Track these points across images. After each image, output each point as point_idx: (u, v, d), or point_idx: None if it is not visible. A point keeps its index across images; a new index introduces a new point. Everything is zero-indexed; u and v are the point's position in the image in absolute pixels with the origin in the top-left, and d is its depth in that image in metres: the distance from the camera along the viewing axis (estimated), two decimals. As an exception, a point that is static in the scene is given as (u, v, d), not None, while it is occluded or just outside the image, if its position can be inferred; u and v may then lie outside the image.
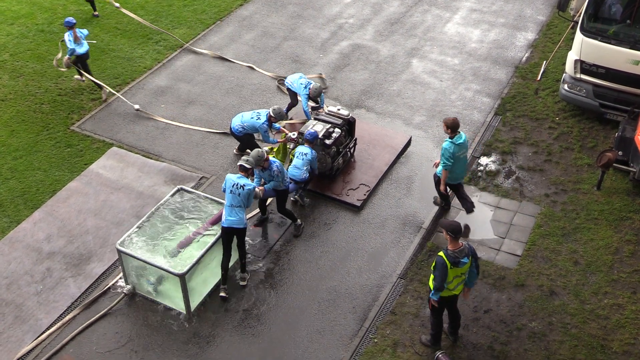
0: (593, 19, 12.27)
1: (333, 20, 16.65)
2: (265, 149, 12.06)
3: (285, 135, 11.85)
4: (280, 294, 9.95)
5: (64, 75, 14.33)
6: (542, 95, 13.81)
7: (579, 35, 12.28)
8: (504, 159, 12.31)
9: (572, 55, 12.53)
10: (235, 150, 12.41)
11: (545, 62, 14.66)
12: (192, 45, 15.58)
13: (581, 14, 12.37)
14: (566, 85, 12.83)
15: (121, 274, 9.96)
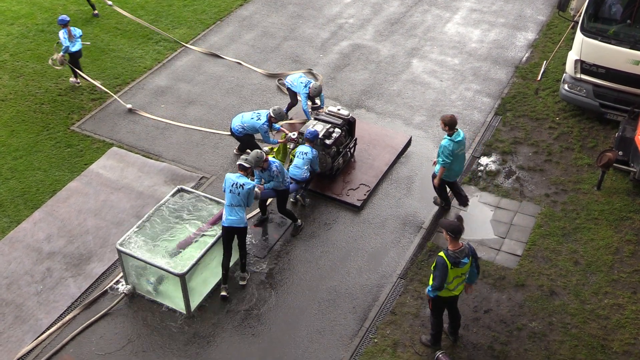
0: (593, 19, 12.27)
1: (333, 20, 16.64)
2: (265, 149, 12.09)
3: (286, 136, 11.84)
4: (280, 293, 9.95)
5: (64, 76, 14.33)
6: (542, 95, 13.81)
7: (579, 35, 12.28)
8: (504, 159, 12.30)
9: (573, 55, 12.52)
10: (235, 150, 12.40)
11: (545, 62, 14.66)
12: (190, 45, 15.60)
13: (581, 14, 12.37)
14: (566, 85, 12.83)
15: (120, 274, 9.97)
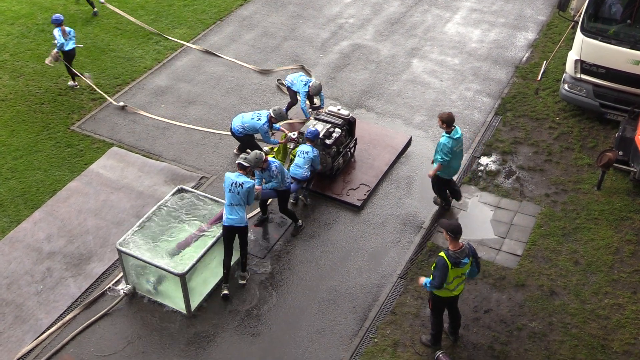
0: (593, 18, 12.27)
1: (333, 20, 16.64)
2: (266, 149, 12.09)
3: (286, 136, 11.84)
4: (280, 293, 9.95)
5: (64, 75, 14.33)
6: (542, 95, 13.81)
7: (579, 35, 12.28)
8: (504, 159, 12.30)
9: (573, 55, 12.52)
10: (235, 150, 12.40)
11: (545, 62, 14.66)
12: (189, 45, 15.61)
13: (581, 13, 12.37)
14: (566, 85, 12.83)
15: (120, 275, 9.97)
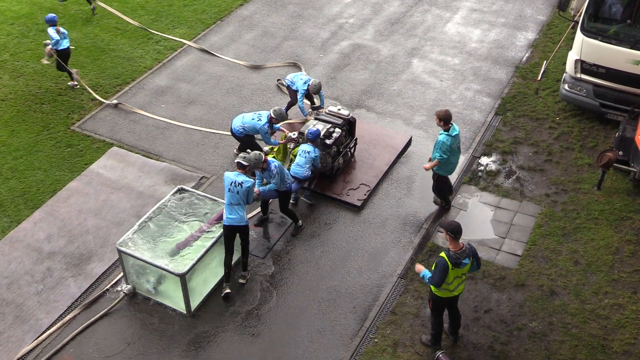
0: (593, 18, 12.27)
1: (333, 20, 16.64)
2: (266, 149, 12.10)
3: (286, 136, 11.84)
4: (280, 293, 9.95)
5: (64, 75, 14.32)
6: (542, 95, 13.81)
7: (579, 35, 12.28)
8: (504, 158, 12.30)
9: (573, 55, 12.52)
10: (235, 150, 12.39)
11: (545, 62, 14.66)
12: (188, 45, 15.62)
13: (581, 13, 12.37)
14: (566, 85, 12.83)
15: (120, 275, 9.97)
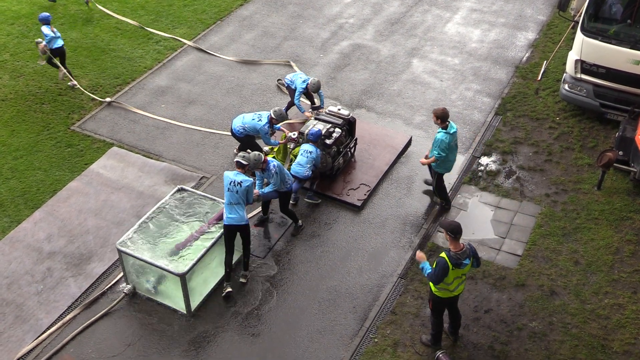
0: (594, 18, 12.27)
1: (333, 20, 16.64)
2: (266, 149, 12.10)
3: (286, 136, 11.84)
4: (280, 293, 9.95)
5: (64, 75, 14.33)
6: (542, 95, 13.81)
7: (579, 35, 12.28)
8: (504, 158, 12.31)
9: (573, 55, 12.52)
10: (235, 150, 12.39)
11: (545, 62, 14.66)
12: (188, 46, 15.62)
13: (582, 13, 12.37)
14: (567, 85, 12.83)
15: (120, 275, 9.96)
